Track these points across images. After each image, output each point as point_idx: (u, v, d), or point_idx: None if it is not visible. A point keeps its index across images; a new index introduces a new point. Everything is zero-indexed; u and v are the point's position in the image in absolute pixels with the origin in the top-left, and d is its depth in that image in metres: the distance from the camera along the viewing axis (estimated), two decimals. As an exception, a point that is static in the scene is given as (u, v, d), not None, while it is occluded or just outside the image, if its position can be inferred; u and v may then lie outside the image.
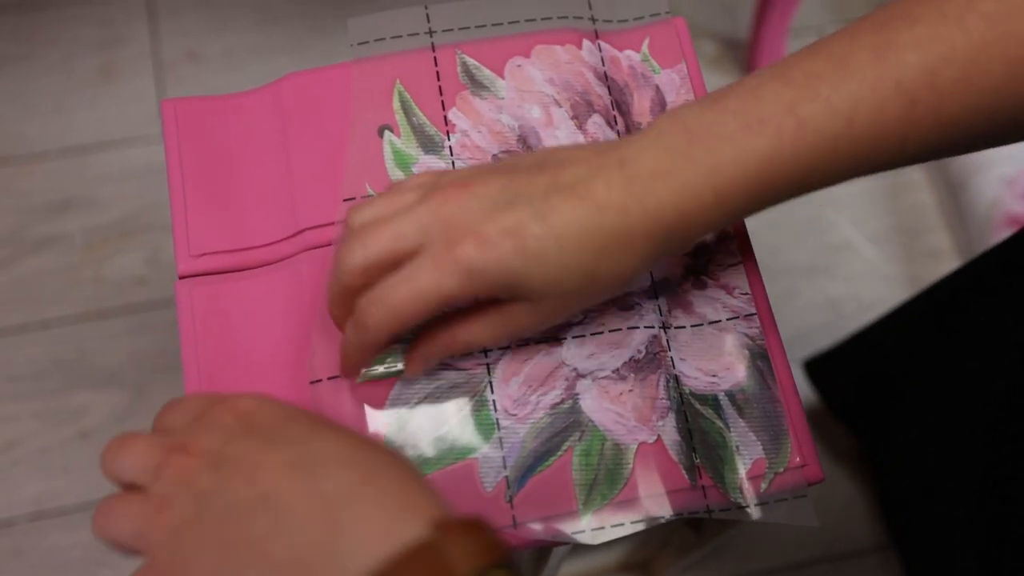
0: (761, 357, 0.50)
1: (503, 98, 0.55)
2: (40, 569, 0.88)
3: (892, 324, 0.78)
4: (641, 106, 0.55)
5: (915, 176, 1.04)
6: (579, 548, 0.50)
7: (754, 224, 1.00)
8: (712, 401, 0.49)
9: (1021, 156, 0.98)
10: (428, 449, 0.47)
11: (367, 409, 0.48)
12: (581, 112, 0.55)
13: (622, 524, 0.47)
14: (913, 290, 0.99)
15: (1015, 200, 0.96)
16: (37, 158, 1.02)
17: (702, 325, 0.51)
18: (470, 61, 0.56)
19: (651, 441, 0.48)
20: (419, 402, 0.48)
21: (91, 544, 0.89)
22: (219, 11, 1.08)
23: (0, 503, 0.90)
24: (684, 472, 0.48)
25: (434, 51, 0.56)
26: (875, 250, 1.01)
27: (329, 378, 0.49)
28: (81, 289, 0.98)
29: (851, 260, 1.01)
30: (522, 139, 0.54)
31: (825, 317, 0.98)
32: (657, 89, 0.56)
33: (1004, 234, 0.95)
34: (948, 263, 1.00)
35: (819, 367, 0.89)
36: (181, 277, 0.52)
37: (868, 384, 0.82)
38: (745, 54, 1.08)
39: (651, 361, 0.50)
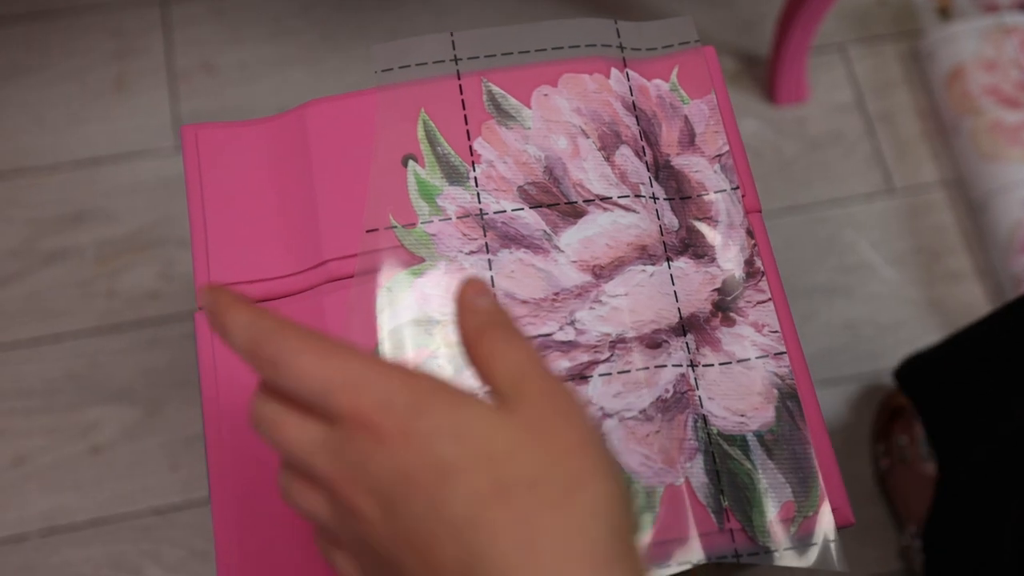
0: (791, 397, 0.50)
1: (529, 128, 0.54)
2: (50, 585, 0.88)
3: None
4: (670, 137, 0.55)
5: (935, 197, 1.03)
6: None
7: (773, 242, 1.01)
8: (740, 442, 0.49)
9: (1044, 178, 0.98)
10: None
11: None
12: (609, 143, 0.54)
13: (649, 570, 0.47)
14: (933, 312, 0.99)
15: (1039, 223, 0.96)
16: (50, 170, 1.02)
17: (731, 363, 0.50)
18: (496, 89, 0.55)
19: (678, 483, 0.48)
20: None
21: (102, 560, 0.89)
22: (234, 23, 1.08)
23: (11, 519, 0.90)
24: (712, 515, 0.47)
25: (459, 79, 0.55)
26: (894, 272, 1.00)
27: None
28: (94, 302, 0.98)
29: (870, 281, 1.00)
30: (548, 170, 0.53)
31: (843, 339, 0.98)
32: (686, 120, 0.55)
33: (1027, 258, 0.95)
34: (969, 286, 0.99)
35: (915, 370, 0.88)
36: (201, 308, 0.52)
37: (960, 383, 0.81)
38: (765, 71, 1.08)
39: (679, 401, 0.49)
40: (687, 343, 0.51)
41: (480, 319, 0.36)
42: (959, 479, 0.78)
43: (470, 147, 0.54)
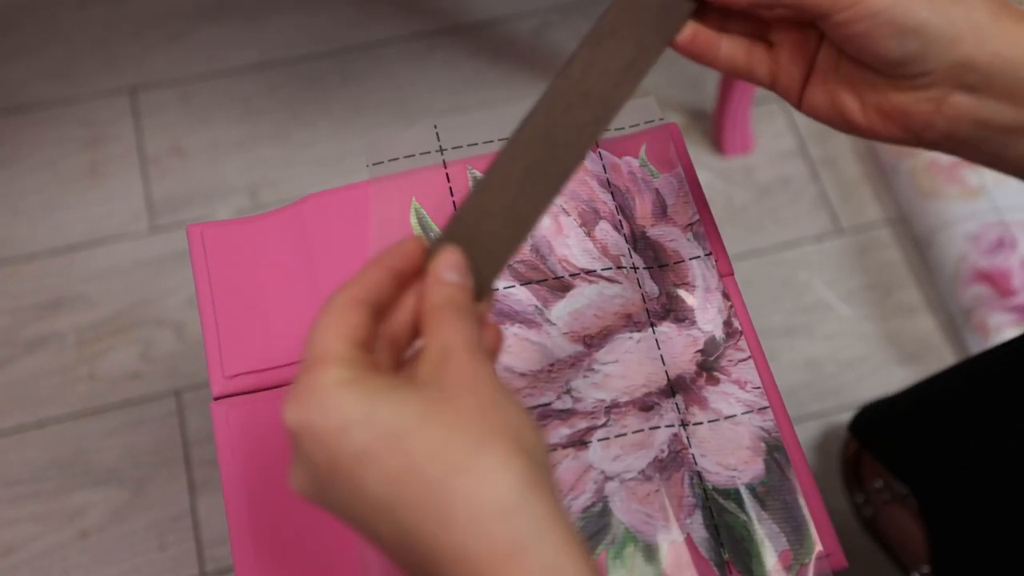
0: (777, 449, 0.52)
1: (515, 210, 0.57)
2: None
3: (955, 380, 0.77)
4: (643, 209, 0.58)
5: (881, 234, 1.07)
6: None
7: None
8: (734, 495, 0.51)
9: (982, 213, 1.01)
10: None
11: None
12: (588, 219, 0.57)
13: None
14: (890, 346, 1.02)
15: (981, 256, 1.00)
16: (27, 258, 1.02)
17: (718, 420, 0.53)
18: (480, 175, 0.58)
19: (680, 539, 0.50)
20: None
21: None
22: (202, 106, 1.10)
23: (-1, 611, 0.89)
24: (715, 568, 0.49)
25: (446, 167, 0.58)
26: (849, 309, 1.04)
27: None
28: (76, 387, 0.98)
29: (827, 320, 1.03)
30: (535, 249, 0.56)
31: (806, 376, 1.01)
32: (657, 193, 0.58)
33: (974, 289, 0.99)
34: (922, 318, 1.03)
35: (868, 420, 0.88)
36: (216, 399, 0.53)
37: (926, 438, 0.80)
38: (711, 124, 1.11)
39: (674, 459, 0.52)
40: (677, 403, 0.53)
41: (441, 296, 0.38)
42: (949, 516, 0.78)
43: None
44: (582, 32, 1.15)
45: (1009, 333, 0.96)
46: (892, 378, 0.99)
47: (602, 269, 0.56)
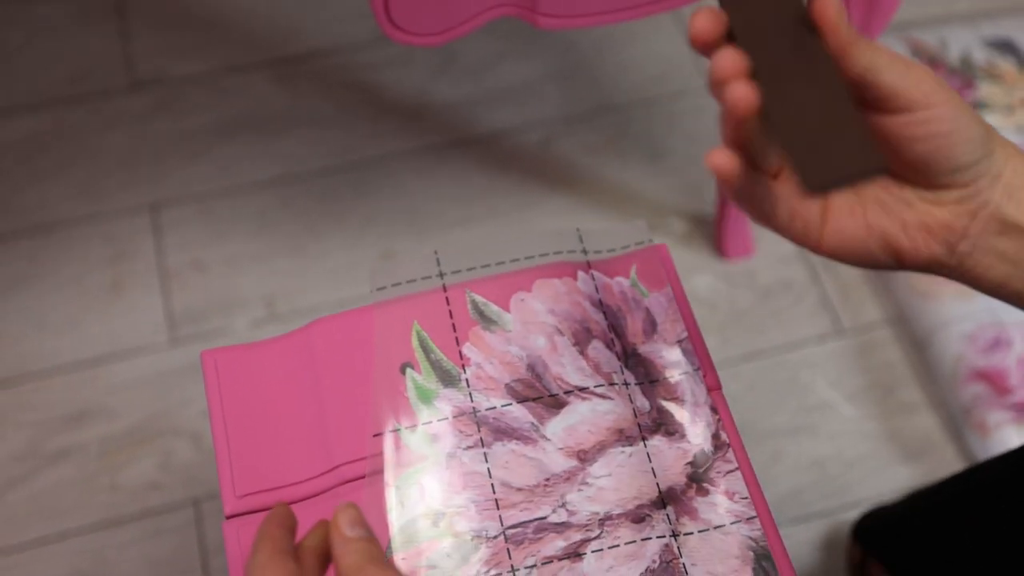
0: (765, 558, 0.54)
1: (510, 331, 0.60)
2: None
3: (960, 489, 0.76)
4: (635, 327, 0.61)
5: (881, 334, 1.09)
6: None
7: (736, 389, 1.06)
8: (724, 604, 0.53)
9: (977, 313, 1.03)
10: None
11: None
12: (582, 339, 0.60)
13: None
14: (893, 444, 1.03)
15: (978, 355, 1.01)
16: (52, 372, 1.05)
17: (708, 530, 0.55)
18: (478, 298, 0.61)
19: (673, 649, 0.51)
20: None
21: None
22: (220, 222, 1.14)
23: None
24: (707, 677, 0.51)
25: (446, 291, 0.61)
26: (852, 408, 1.05)
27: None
28: (97, 497, 0.99)
29: (831, 419, 1.04)
30: (531, 367, 0.59)
31: (812, 476, 1.01)
32: (647, 311, 0.61)
33: (973, 388, 1.00)
34: (923, 416, 1.04)
35: (872, 528, 0.88)
36: (228, 517, 0.55)
37: (929, 547, 0.79)
38: (713, 229, 1.14)
39: (665, 569, 0.53)
40: (668, 515, 0.55)
41: (357, 555, 0.40)
42: None
43: (460, 352, 0.59)
44: (586, 143, 1.21)
45: (1008, 430, 0.97)
46: (896, 476, 1.00)
47: (595, 386, 0.58)
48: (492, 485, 0.55)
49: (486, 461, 0.56)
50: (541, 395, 0.58)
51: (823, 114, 0.41)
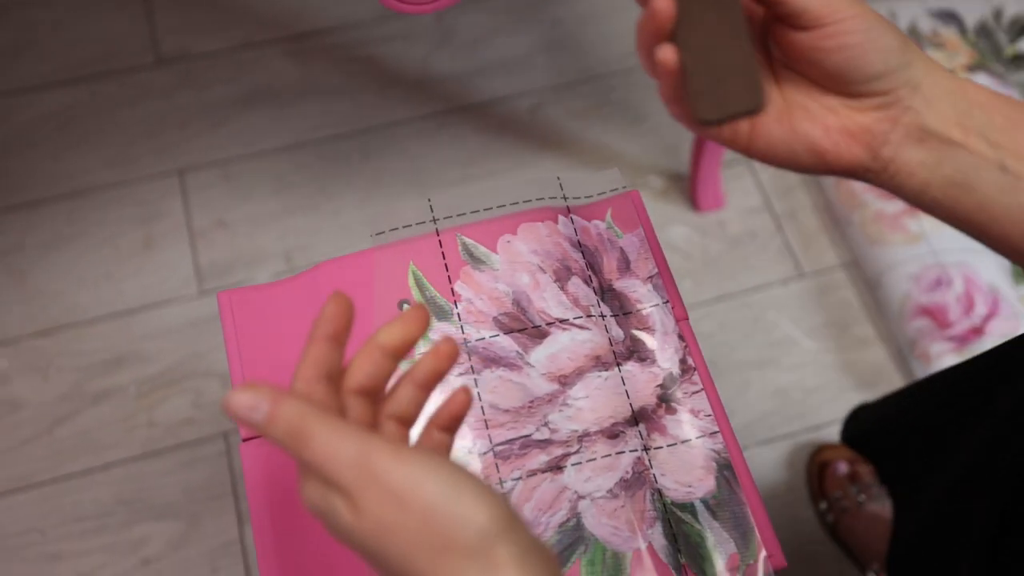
0: (727, 468, 0.54)
1: (497, 269, 0.59)
2: None
3: (940, 385, 0.75)
4: (610, 265, 0.60)
5: (838, 277, 1.08)
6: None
7: (708, 327, 1.05)
8: (690, 508, 0.53)
9: (922, 256, 1.03)
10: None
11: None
12: (562, 276, 0.59)
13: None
14: (847, 374, 1.03)
15: (922, 293, 1.01)
16: (92, 322, 1.05)
17: (676, 444, 0.55)
18: (468, 241, 0.60)
19: (643, 547, 0.51)
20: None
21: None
22: (242, 184, 1.13)
23: (75, 630, 0.91)
24: (673, 571, 0.51)
25: (438, 235, 0.61)
26: (812, 342, 1.05)
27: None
28: (136, 433, 1.00)
29: (793, 353, 1.04)
30: (516, 302, 0.58)
31: (776, 403, 1.02)
32: (622, 251, 0.61)
33: (917, 323, 1.00)
34: (875, 349, 1.04)
35: (859, 420, 0.88)
36: (244, 440, 0.55)
37: (904, 434, 0.79)
38: (687, 185, 1.14)
39: (637, 479, 0.54)
40: (639, 431, 0.55)
41: (280, 429, 0.36)
42: (917, 513, 0.76)
43: (451, 289, 0.59)
44: (572, 109, 1.20)
45: (948, 359, 0.97)
46: (851, 402, 1.00)
47: (574, 318, 0.58)
48: (482, 407, 0.55)
49: (476, 386, 0.56)
50: (525, 327, 0.58)
51: (720, 54, 0.41)
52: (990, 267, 1.03)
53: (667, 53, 0.41)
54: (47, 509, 0.96)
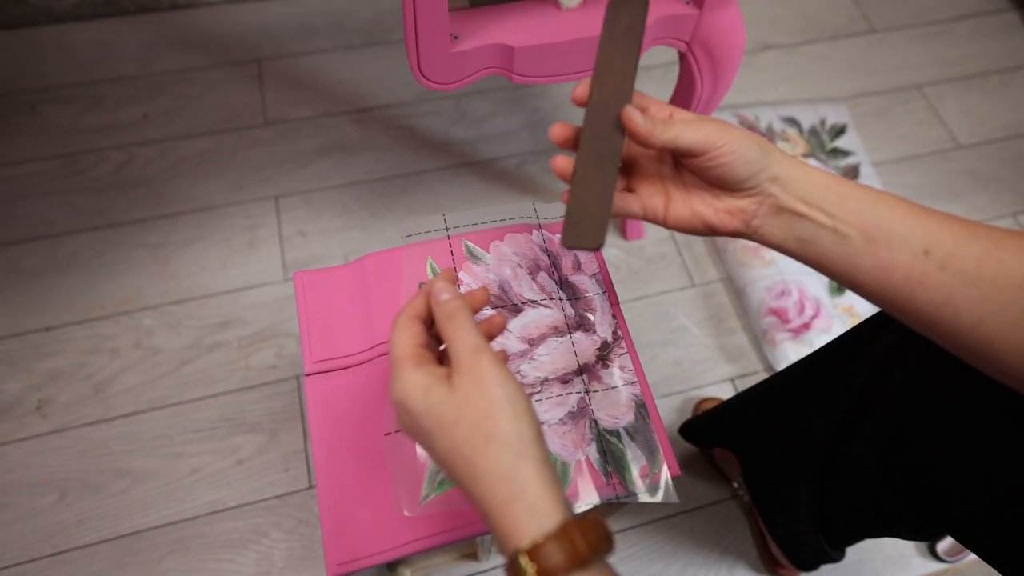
0: (642, 407, 0.52)
1: (489, 264, 0.57)
2: (212, 547, 0.86)
3: (760, 392, 0.73)
4: (567, 265, 0.58)
5: (717, 287, 1.07)
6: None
7: (630, 317, 1.03)
8: (616, 433, 0.51)
9: (772, 275, 1.02)
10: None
11: (419, 449, 0.49)
12: (533, 270, 0.57)
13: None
14: (721, 352, 1.01)
15: (771, 300, 1.00)
16: (209, 297, 1.02)
17: (608, 389, 0.53)
18: (470, 244, 0.58)
19: (583, 459, 0.49)
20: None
21: (245, 528, 0.87)
22: (317, 207, 1.10)
23: (188, 507, 0.88)
24: (603, 476, 0.49)
25: (449, 240, 0.58)
26: (700, 331, 1.03)
27: (396, 431, 0.50)
28: (236, 373, 0.97)
29: (686, 337, 1.03)
30: (501, 287, 0.56)
31: (673, 370, 1.00)
32: (575, 256, 0.59)
33: (768, 319, 0.99)
34: (740, 336, 1.02)
35: (689, 427, 0.85)
36: (307, 375, 0.53)
37: (727, 426, 0.77)
38: (620, 222, 1.11)
39: (580, 412, 0.51)
40: (583, 380, 0.53)
41: (442, 312, 0.37)
42: (753, 465, 0.76)
43: (457, 276, 0.57)
44: (544, 167, 1.18)
45: (787, 344, 0.96)
46: (723, 371, 0.98)
47: (541, 300, 0.56)
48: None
49: (471, 344, 0.53)
50: (507, 304, 0.56)
51: (588, 203, 0.39)
52: (816, 285, 1.01)
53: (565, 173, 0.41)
54: (173, 423, 0.93)
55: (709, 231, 0.43)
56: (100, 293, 1.01)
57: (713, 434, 0.81)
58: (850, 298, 1.01)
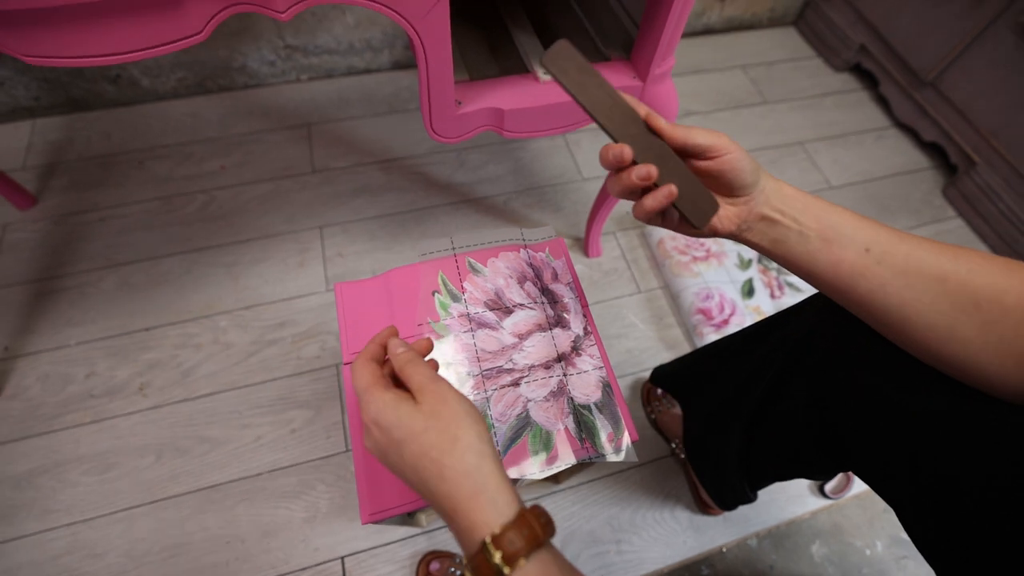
0: (608, 387, 0.50)
1: (487, 276, 0.55)
2: (272, 497, 0.82)
3: (705, 350, 0.71)
4: (548, 276, 0.56)
5: (658, 292, 1.05)
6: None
7: (593, 317, 1.00)
8: (588, 408, 0.49)
9: (699, 283, 1.00)
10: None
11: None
12: (521, 280, 0.55)
13: (551, 467, 0.46)
14: (661, 343, 0.99)
15: (699, 302, 0.99)
16: (270, 303, 0.98)
17: (581, 373, 0.51)
18: (472, 260, 0.56)
19: (562, 429, 0.47)
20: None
21: (296, 483, 0.83)
22: (352, 234, 1.07)
23: (252, 467, 0.84)
24: (578, 441, 0.47)
25: (455, 257, 0.56)
26: (645, 327, 1.02)
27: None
28: (290, 362, 0.93)
29: (635, 331, 1.01)
30: (496, 293, 0.54)
31: (626, 356, 0.98)
32: (554, 269, 0.57)
33: (696, 316, 0.97)
34: (676, 330, 1.01)
35: (658, 374, 0.83)
36: (345, 363, 0.50)
37: (686, 375, 0.75)
38: (584, 244, 1.10)
39: (560, 391, 0.49)
40: (561, 366, 0.51)
41: (399, 361, 0.36)
42: (694, 416, 0.73)
43: (462, 285, 0.54)
44: (526, 203, 1.16)
45: (711, 335, 0.94)
46: (663, 357, 0.97)
47: (528, 303, 0.54)
48: (475, 349, 0.50)
49: (473, 339, 0.51)
50: (501, 307, 0.53)
51: (682, 184, 0.38)
52: (732, 290, 1.00)
53: (649, 180, 0.38)
54: (242, 400, 0.89)
55: (710, 232, 0.41)
56: (188, 301, 0.98)
57: (670, 381, 0.78)
58: (758, 299, 1.00)
